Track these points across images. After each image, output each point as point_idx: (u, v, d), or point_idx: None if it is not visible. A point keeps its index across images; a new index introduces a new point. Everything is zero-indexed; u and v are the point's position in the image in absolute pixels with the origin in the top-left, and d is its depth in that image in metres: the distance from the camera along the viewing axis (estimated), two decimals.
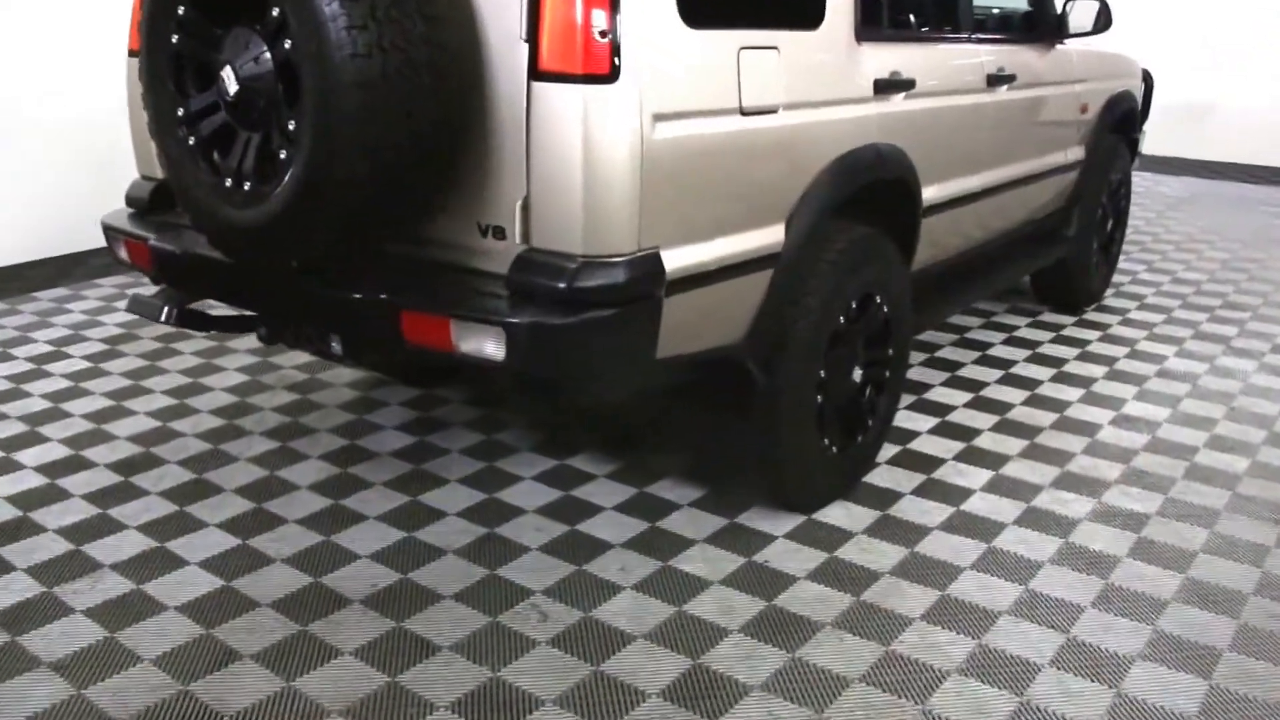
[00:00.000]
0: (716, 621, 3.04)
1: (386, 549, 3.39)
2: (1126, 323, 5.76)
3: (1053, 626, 3.05)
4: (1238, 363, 5.19)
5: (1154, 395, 4.74)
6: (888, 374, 3.80)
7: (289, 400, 4.49)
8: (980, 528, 3.56)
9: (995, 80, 4.27)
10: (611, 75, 2.57)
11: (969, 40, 4.23)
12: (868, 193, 3.52)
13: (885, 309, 3.67)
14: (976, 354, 5.17)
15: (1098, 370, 5.03)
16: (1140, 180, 10.00)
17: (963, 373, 4.93)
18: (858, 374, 3.65)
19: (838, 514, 3.62)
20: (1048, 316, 5.80)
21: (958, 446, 4.15)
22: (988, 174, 4.38)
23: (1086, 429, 4.35)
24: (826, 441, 3.54)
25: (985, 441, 4.21)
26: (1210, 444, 4.25)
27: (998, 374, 4.93)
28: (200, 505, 3.63)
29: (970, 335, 5.44)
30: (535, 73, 2.62)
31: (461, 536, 3.47)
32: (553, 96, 2.60)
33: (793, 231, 3.18)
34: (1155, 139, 10.95)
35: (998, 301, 5.95)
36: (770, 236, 3.13)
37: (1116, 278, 6.54)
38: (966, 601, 3.16)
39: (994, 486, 3.85)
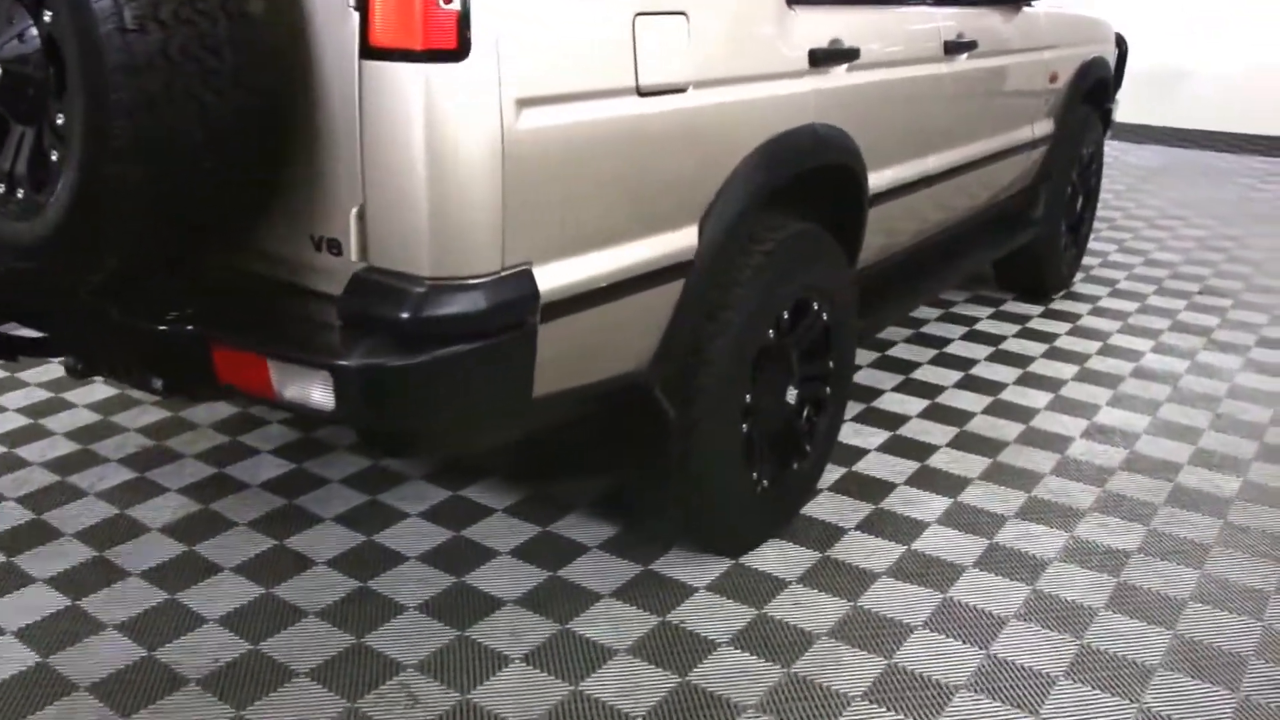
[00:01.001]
0: (617, 705, 2.54)
1: (239, 610, 2.86)
2: (1098, 312, 5.26)
3: (1020, 705, 2.55)
4: (1221, 359, 4.70)
5: (1130, 400, 4.24)
6: (829, 390, 3.28)
7: (158, 419, 3.93)
8: (934, 573, 3.06)
9: (954, 48, 3.73)
10: (460, 50, 2.02)
11: (923, 1, 3.67)
12: (803, 182, 2.98)
13: (825, 316, 3.15)
14: (933, 352, 4.66)
15: (1067, 370, 4.53)
16: (1108, 149, 9.48)
17: (918, 375, 4.42)
18: (793, 394, 3.13)
19: (770, 557, 3.11)
20: (1012, 306, 5.30)
21: (910, 468, 3.64)
22: (946, 155, 3.85)
23: (1056, 443, 3.85)
24: (755, 476, 3.02)
25: (942, 461, 3.70)
26: (1195, 460, 3.76)
27: (956, 376, 4.42)
28: (30, 556, 3.08)
29: (926, 330, 4.93)
30: (366, 49, 2.06)
31: (328, 593, 2.94)
32: (388, 78, 2.05)
33: (708, 234, 2.65)
34: (1124, 105, 10.49)
35: (957, 290, 5.44)
36: (679, 241, 2.60)
37: (1086, 260, 6.05)
38: (917, 673, 2.66)
39: (952, 518, 3.34)
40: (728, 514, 2.98)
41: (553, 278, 2.26)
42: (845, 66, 3.11)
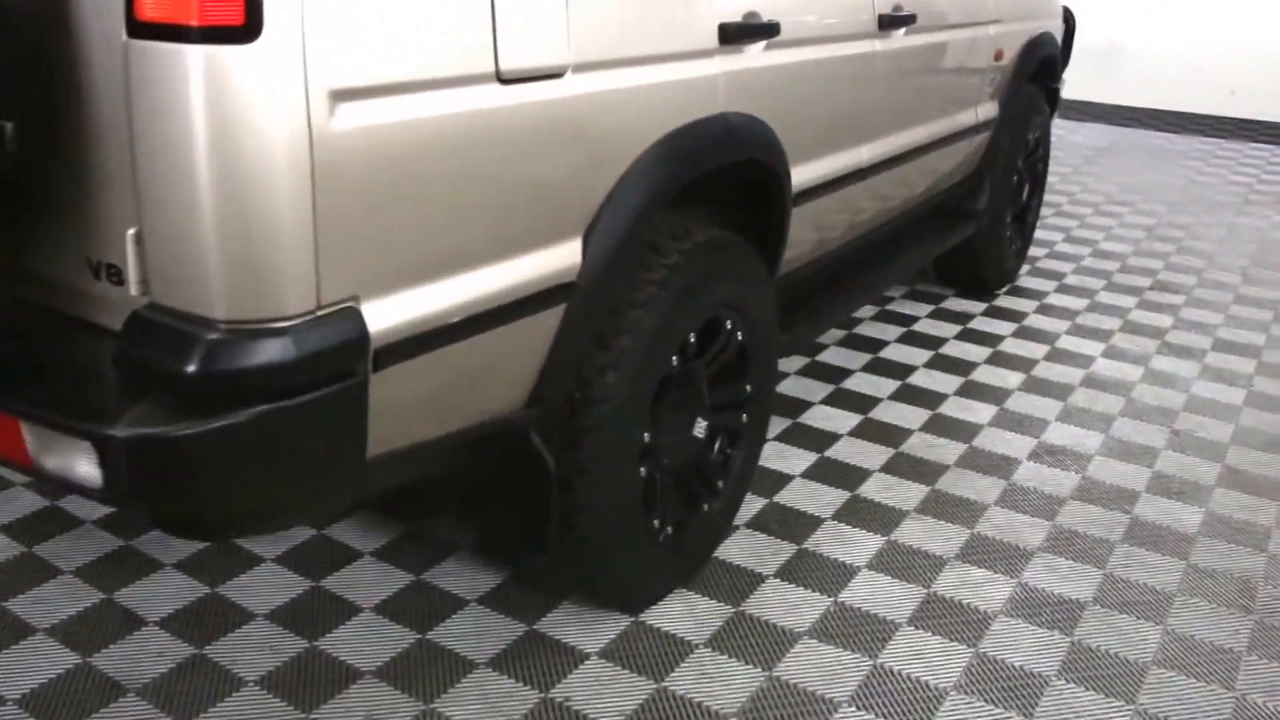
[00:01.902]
0: None
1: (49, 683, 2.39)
2: (1045, 310, 4.89)
3: None
4: (1176, 365, 4.34)
5: (1081, 415, 3.86)
6: (746, 418, 2.85)
7: None
8: (863, 631, 2.66)
9: (889, 22, 3.29)
10: (250, 26, 1.55)
11: None
12: (713, 182, 2.54)
13: (740, 335, 2.72)
14: (866, 357, 4.26)
15: (1013, 379, 4.14)
16: (1055, 129, 9.14)
17: (849, 384, 4.01)
18: (702, 426, 2.70)
19: (675, 612, 2.70)
20: (953, 303, 4.90)
21: (839, 499, 3.23)
22: (880, 144, 3.43)
23: (1001, 467, 3.46)
24: (657, 524, 2.59)
25: (875, 489, 3.29)
26: (1153, 487, 3.38)
27: (892, 385, 4.01)
28: None
29: (860, 331, 4.52)
30: (133, 24, 1.58)
31: (150, 665, 2.47)
32: (158, 63, 1.58)
33: (595, 249, 2.20)
34: (1069, 82, 10.16)
35: (895, 285, 5.03)
36: (558, 260, 2.15)
37: (1032, 250, 5.67)
38: None
39: (884, 561, 2.94)
40: (623, 571, 2.56)
41: (388, 315, 1.80)
42: (763, 44, 2.67)
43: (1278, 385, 4.18)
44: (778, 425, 3.62)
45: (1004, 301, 4.96)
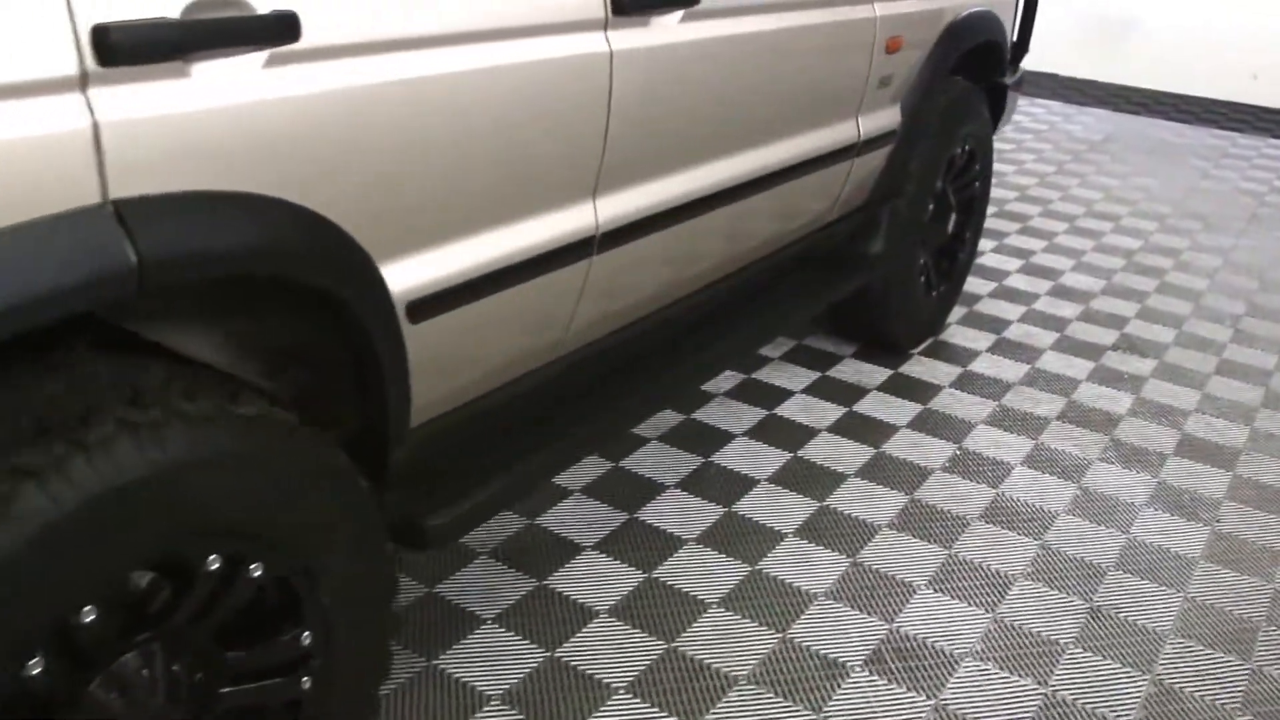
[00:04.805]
0: None
1: None
2: (967, 383, 3.69)
3: None
4: (1122, 482, 3.16)
5: (965, 575, 2.68)
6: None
7: None
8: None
9: (638, 4, 2.07)
10: None
11: None
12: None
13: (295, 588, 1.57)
14: (694, 462, 3.08)
15: (887, 504, 2.97)
16: (1048, 114, 7.91)
17: (647, 515, 2.83)
18: None
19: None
20: (846, 369, 3.72)
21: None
22: (625, 197, 2.24)
23: (823, 684, 2.29)
24: None
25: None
26: None
27: (709, 516, 2.83)
28: None
29: (704, 414, 3.33)
30: None
31: None
32: None
33: None
34: (1068, 58, 8.88)
35: (784, 335, 3.85)
36: None
37: (978, 284, 4.47)
38: None
39: None
40: None
41: None
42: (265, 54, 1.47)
43: (1253, 517, 2.99)
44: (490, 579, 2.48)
45: (915, 367, 3.77)
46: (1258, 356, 4.04)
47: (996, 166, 6.34)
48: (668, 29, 2.15)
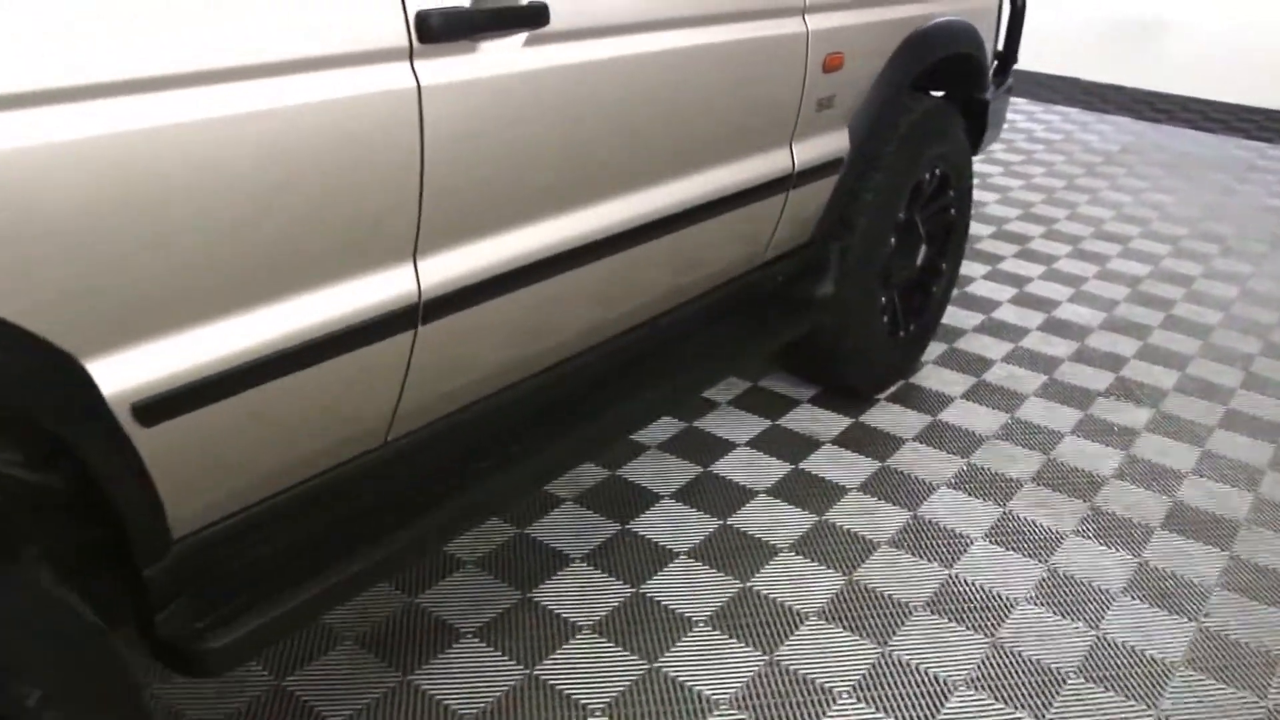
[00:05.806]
0: None
1: None
2: (932, 436, 3.30)
3: None
4: (1098, 565, 2.76)
5: (894, 683, 2.30)
6: None
7: None
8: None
9: (453, 28, 1.70)
10: None
11: None
12: None
13: None
14: (610, 527, 2.71)
15: (821, 587, 2.58)
16: (1063, 122, 7.47)
17: (545, 594, 2.47)
18: None
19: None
20: (802, 415, 3.34)
21: None
22: (450, 257, 1.87)
23: None
24: None
25: None
26: None
27: (616, 595, 2.47)
28: None
29: (629, 470, 2.96)
30: None
31: None
32: None
33: None
34: (1088, 63, 8.43)
35: (737, 375, 3.48)
36: None
37: (965, 315, 4.07)
38: None
39: None
40: None
41: None
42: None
43: (1247, 611, 2.59)
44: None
45: (879, 415, 3.38)
46: (1269, 406, 3.62)
47: (1000, 181, 5.93)
48: (504, 56, 1.78)
